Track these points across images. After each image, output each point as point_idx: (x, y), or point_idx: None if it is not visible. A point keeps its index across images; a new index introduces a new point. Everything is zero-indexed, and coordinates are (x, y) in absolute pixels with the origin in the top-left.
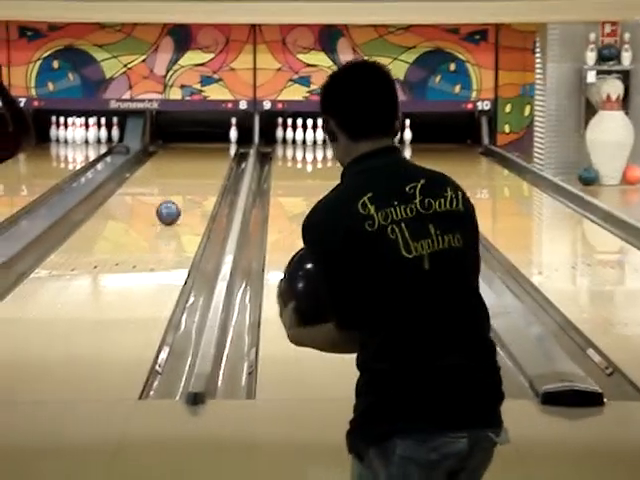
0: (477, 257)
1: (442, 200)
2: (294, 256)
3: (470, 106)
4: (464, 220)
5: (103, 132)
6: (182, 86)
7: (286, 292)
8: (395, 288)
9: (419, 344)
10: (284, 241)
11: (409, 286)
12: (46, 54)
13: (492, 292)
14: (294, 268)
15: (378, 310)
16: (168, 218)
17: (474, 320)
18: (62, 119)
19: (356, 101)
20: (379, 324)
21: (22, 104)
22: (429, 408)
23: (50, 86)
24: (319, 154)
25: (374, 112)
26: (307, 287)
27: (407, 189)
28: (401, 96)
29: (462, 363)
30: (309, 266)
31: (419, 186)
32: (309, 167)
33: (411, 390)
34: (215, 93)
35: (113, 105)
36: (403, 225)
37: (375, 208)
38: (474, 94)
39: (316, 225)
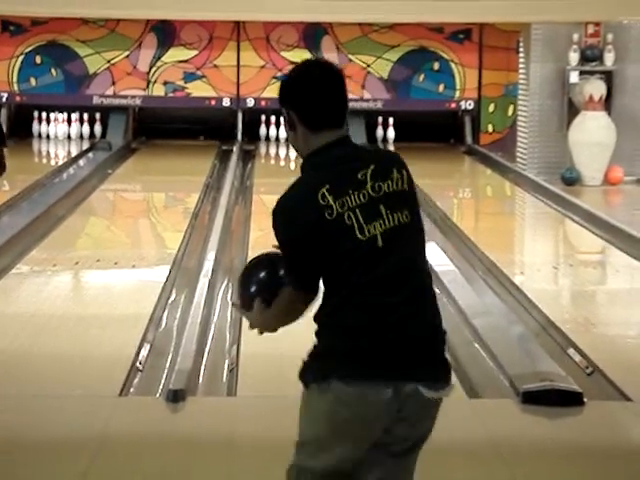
0: (422, 229)
1: (390, 182)
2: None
3: (454, 105)
4: (409, 197)
5: (86, 128)
6: (165, 82)
7: (244, 297)
8: (351, 264)
9: (368, 306)
10: (266, 238)
11: (364, 262)
12: (29, 49)
13: (473, 291)
14: (243, 282)
15: (334, 279)
16: None
17: (422, 285)
18: (44, 114)
19: (314, 96)
20: (334, 290)
21: (4, 99)
22: (365, 359)
23: (33, 81)
24: None
25: (330, 106)
26: (259, 285)
27: (359, 176)
28: (385, 95)
29: (405, 324)
30: (259, 274)
31: (369, 172)
32: (292, 164)
33: (352, 342)
34: (198, 90)
35: (96, 101)
36: (357, 211)
37: (333, 198)
38: (458, 93)
39: (282, 213)
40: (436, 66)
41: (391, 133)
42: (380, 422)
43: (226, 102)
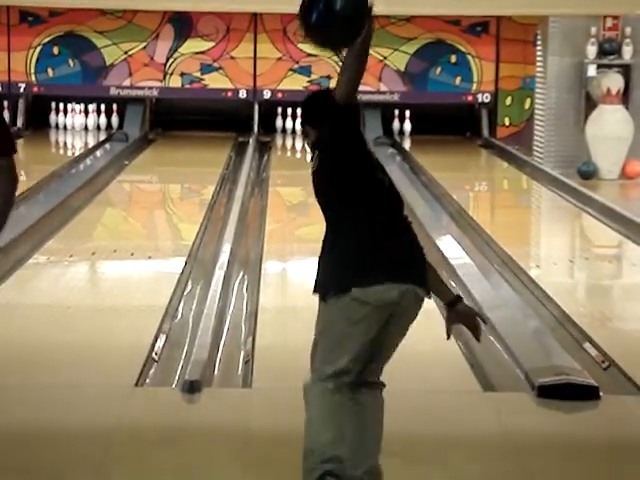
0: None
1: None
2: None
3: (470, 98)
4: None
5: (102, 119)
6: (182, 74)
7: None
8: (375, 197)
9: (376, 230)
10: (282, 231)
11: (382, 196)
12: (46, 40)
13: (489, 284)
14: None
15: (361, 207)
16: None
17: (408, 225)
18: (62, 105)
19: None
20: (355, 215)
21: (22, 90)
22: (376, 267)
23: (50, 72)
24: None
25: None
26: None
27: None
28: (401, 87)
29: (401, 247)
30: None
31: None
32: (308, 157)
33: (365, 256)
34: (215, 81)
35: (113, 92)
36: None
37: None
38: (474, 86)
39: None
40: (453, 59)
41: (407, 126)
42: (388, 311)
43: (242, 94)
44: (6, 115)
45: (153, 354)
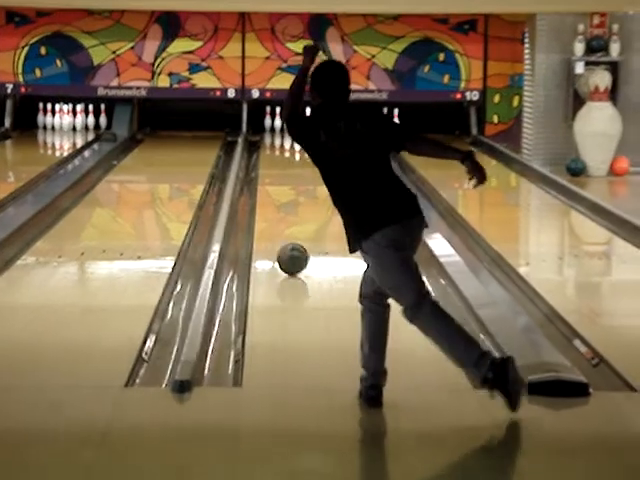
0: None
1: None
2: None
3: (459, 96)
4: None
5: (91, 119)
6: (170, 74)
7: None
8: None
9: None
10: (271, 230)
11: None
12: (34, 40)
13: (479, 282)
14: None
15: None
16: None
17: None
18: (49, 106)
19: None
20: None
21: (9, 90)
22: (389, 214)
23: (38, 72)
24: None
25: None
26: None
27: None
28: (390, 85)
29: (394, 197)
30: None
31: None
32: (297, 156)
33: (375, 211)
34: (203, 81)
35: (101, 92)
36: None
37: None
38: (463, 84)
39: None
40: (441, 57)
41: None
42: (409, 236)
43: (231, 93)
44: None
45: (143, 354)
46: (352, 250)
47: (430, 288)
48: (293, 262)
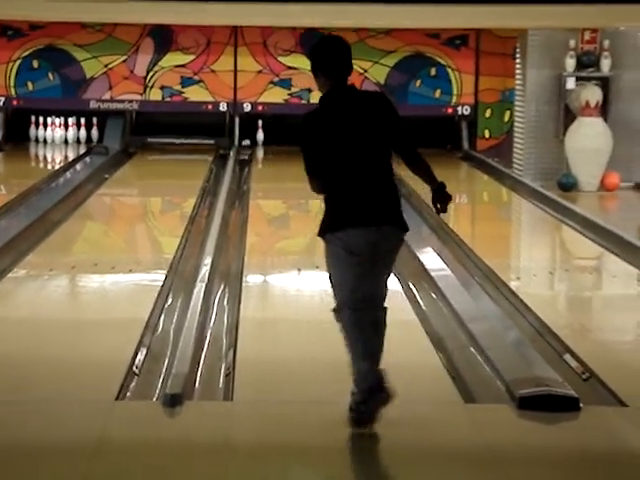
0: None
1: None
2: None
3: (450, 111)
4: None
5: (82, 132)
6: (162, 87)
7: None
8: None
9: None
10: (263, 243)
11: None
12: (26, 53)
13: (470, 296)
14: None
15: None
16: None
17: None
18: (41, 119)
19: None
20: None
21: (1, 103)
22: (354, 216)
23: (30, 85)
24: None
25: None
26: None
27: None
28: None
29: (372, 200)
30: None
31: None
32: (289, 170)
33: (344, 210)
34: (195, 94)
35: (93, 105)
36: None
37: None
38: (454, 99)
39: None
40: (433, 72)
41: None
42: (372, 242)
43: (223, 107)
44: None
45: (134, 367)
46: (319, 234)
47: (367, 304)
48: None
